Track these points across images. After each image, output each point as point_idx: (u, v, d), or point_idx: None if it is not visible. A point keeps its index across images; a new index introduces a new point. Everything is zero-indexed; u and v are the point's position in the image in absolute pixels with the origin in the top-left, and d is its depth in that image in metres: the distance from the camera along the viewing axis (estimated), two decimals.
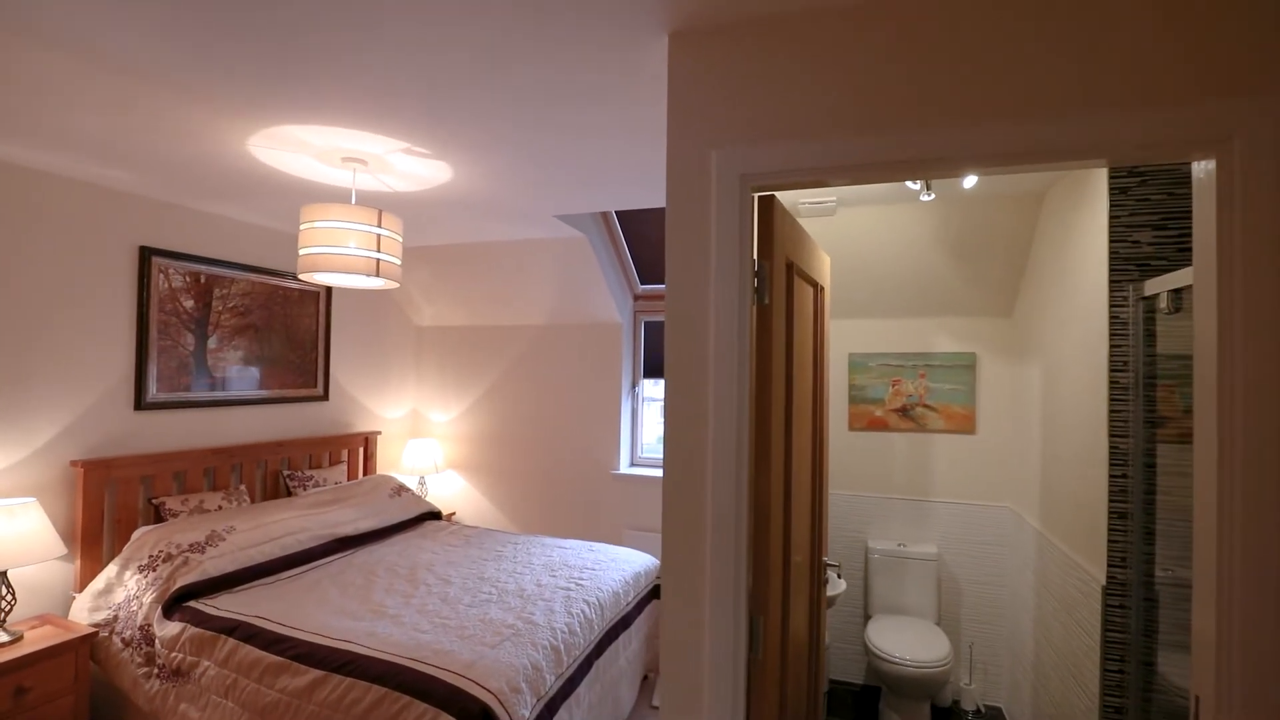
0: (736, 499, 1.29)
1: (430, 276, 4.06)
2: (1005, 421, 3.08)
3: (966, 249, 2.88)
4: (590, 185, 2.55)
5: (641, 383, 4.09)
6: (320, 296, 3.69)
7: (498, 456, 4.26)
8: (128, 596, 2.41)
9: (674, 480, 1.34)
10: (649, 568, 3.04)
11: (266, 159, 2.25)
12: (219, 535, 2.64)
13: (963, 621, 3.13)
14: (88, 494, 2.55)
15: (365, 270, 2.14)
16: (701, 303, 1.33)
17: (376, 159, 2.23)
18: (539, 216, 3.05)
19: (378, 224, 2.16)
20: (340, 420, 3.86)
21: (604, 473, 3.95)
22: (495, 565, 2.91)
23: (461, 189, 2.61)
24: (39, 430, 2.46)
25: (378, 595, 2.53)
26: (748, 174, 1.31)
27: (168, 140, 2.09)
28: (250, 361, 3.29)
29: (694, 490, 1.33)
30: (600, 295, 3.77)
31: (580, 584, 2.66)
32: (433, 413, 4.49)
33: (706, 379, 1.32)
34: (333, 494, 3.33)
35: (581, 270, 3.64)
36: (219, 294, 3.12)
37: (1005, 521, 3.06)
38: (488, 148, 2.13)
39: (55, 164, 2.36)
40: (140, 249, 2.77)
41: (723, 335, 1.30)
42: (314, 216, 2.11)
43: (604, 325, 3.97)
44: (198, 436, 3.03)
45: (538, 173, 2.39)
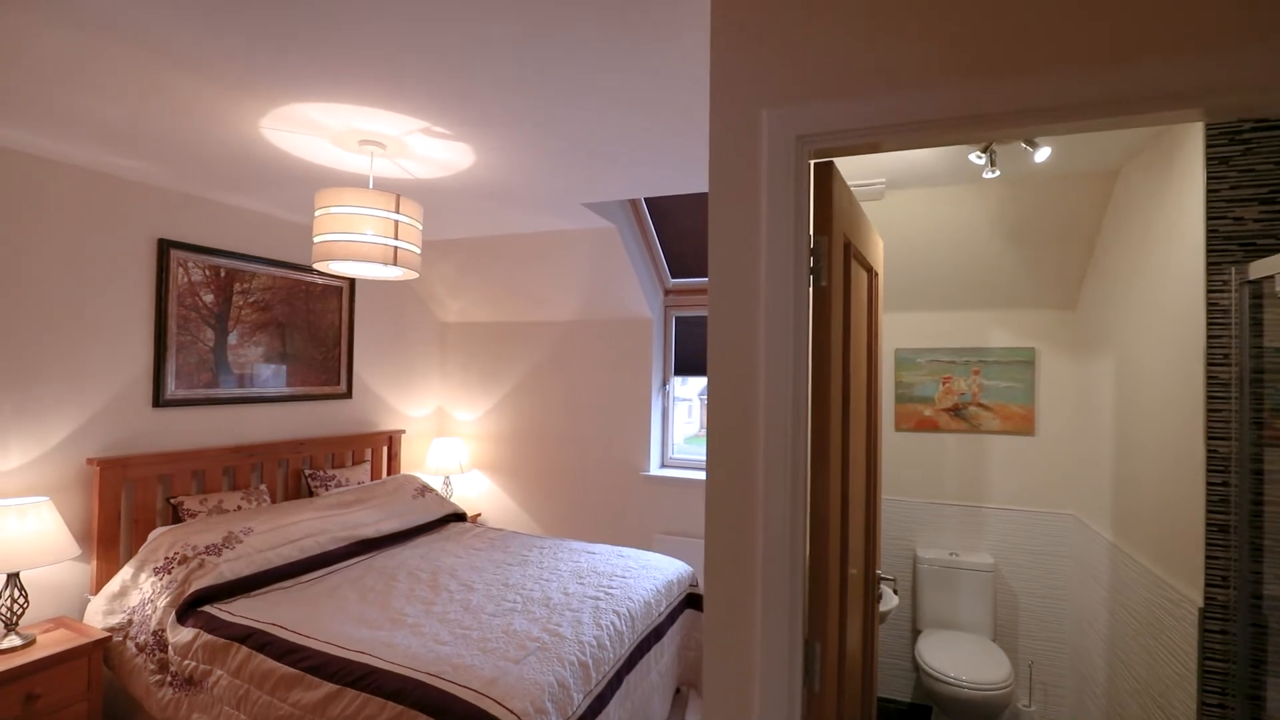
0: (793, 509, 1.12)
1: (455, 271, 3.96)
2: (1068, 422, 2.83)
3: (1027, 235, 2.65)
4: (620, 168, 2.39)
5: (672, 380, 3.92)
6: (343, 291, 3.61)
7: (524, 456, 4.14)
8: (142, 600, 2.33)
9: (719, 488, 1.17)
10: (681, 575, 2.87)
11: (281, 143, 2.14)
12: (236, 537, 2.55)
13: (1020, 638, 2.89)
14: (104, 493, 2.48)
15: (382, 259, 2.01)
16: (750, 284, 1.16)
17: (394, 142, 2.11)
18: (566, 205, 2.91)
19: (395, 209, 2.03)
20: (363, 418, 3.77)
21: (633, 474, 3.79)
22: (520, 571, 2.78)
23: (484, 175, 2.47)
24: (54, 428, 2.40)
25: (397, 602, 2.41)
26: (805, 135, 1.14)
27: (178, 122, 2.00)
28: (271, 358, 3.21)
29: (743, 499, 1.16)
30: (630, 289, 3.62)
31: (610, 593, 2.51)
32: (458, 411, 4.38)
33: (756, 372, 1.15)
34: (355, 494, 3.23)
35: (611, 263, 3.49)
36: (239, 288, 3.04)
37: (1068, 530, 2.82)
38: (511, 127, 1.99)
39: (69, 153, 2.29)
40: (159, 241, 2.70)
41: (775, 322, 1.13)
42: (328, 202, 1.99)
43: (634, 321, 3.81)
44: (217, 435, 2.95)
45: (565, 154, 2.24)
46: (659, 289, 3.84)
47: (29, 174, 2.31)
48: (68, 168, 2.41)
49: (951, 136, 1.10)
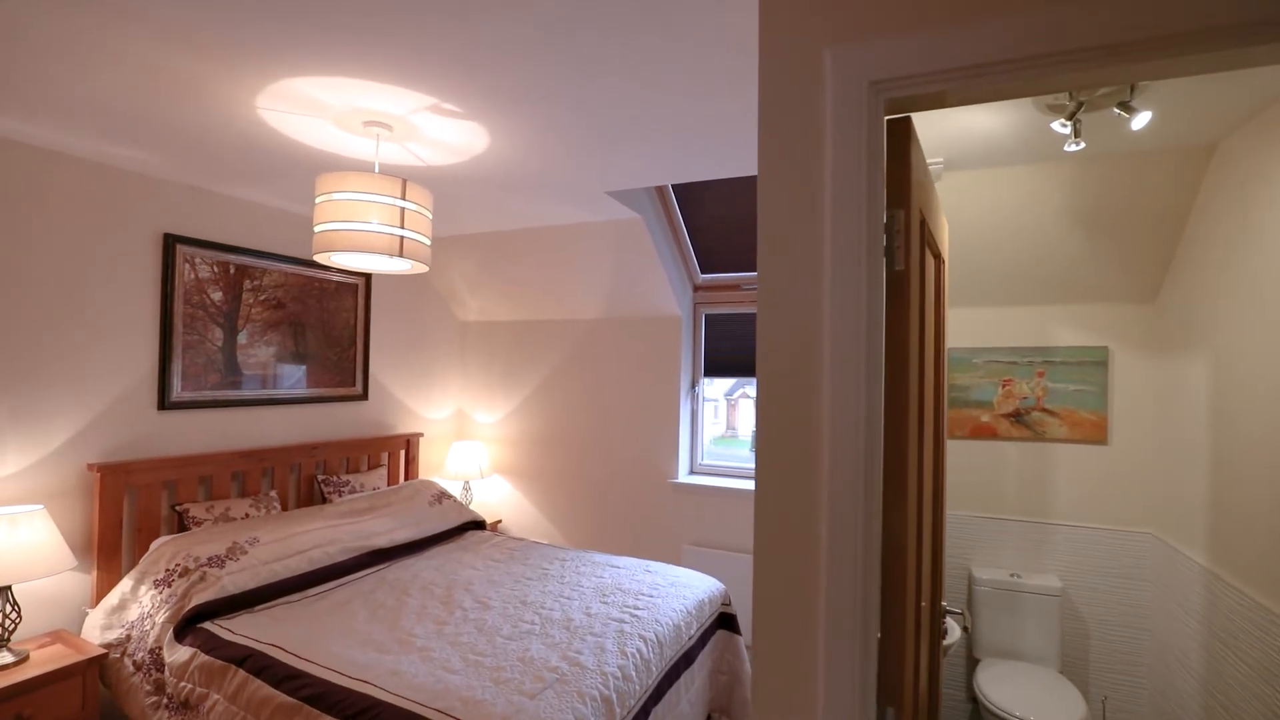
0: (865, 544, 0.90)
1: (475, 267, 3.79)
2: (1147, 429, 2.54)
3: (1102, 219, 2.37)
4: (648, 148, 2.18)
5: (702, 382, 3.70)
6: (359, 289, 3.47)
7: (546, 461, 3.95)
8: (141, 614, 2.20)
9: (771, 512, 0.96)
10: (713, 593, 2.65)
11: (281, 126, 1.98)
12: (241, 548, 2.41)
13: (1092, 670, 2.60)
14: (105, 500, 2.35)
15: (387, 250, 1.84)
16: (809, 268, 0.94)
17: (401, 123, 1.93)
18: (589, 194, 2.71)
19: (401, 196, 1.86)
20: (380, 421, 3.63)
21: (661, 481, 3.58)
22: (540, 587, 2.59)
23: (500, 160, 2.29)
24: (54, 431, 2.28)
25: (407, 621, 2.24)
26: (880, 81, 0.92)
27: (170, 104, 1.85)
28: (283, 358, 3.08)
29: (800, 525, 0.94)
30: (657, 285, 3.41)
31: (636, 614, 2.30)
32: (478, 413, 4.22)
33: (818, 374, 0.93)
34: (368, 501, 3.08)
35: (636, 257, 3.28)
36: (250, 285, 2.91)
37: (1148, 551, 2.52)
38: (526, 103, 1.79)
39: (65, 142, 2.17)
40: (164, 236, 2.58)
41: (842, 313, 0.91)
42: (330, 188, 1.82)
43: (661, 319, 3.60)
44: (226, 438, 2.82)
45: (585, 134, 2.04)
46: (688, 285, 3.63)
47: (27, 165, 2.20)
48: (67, 159, 2.29)
49: (1073, 77, 0.87)
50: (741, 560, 3.29)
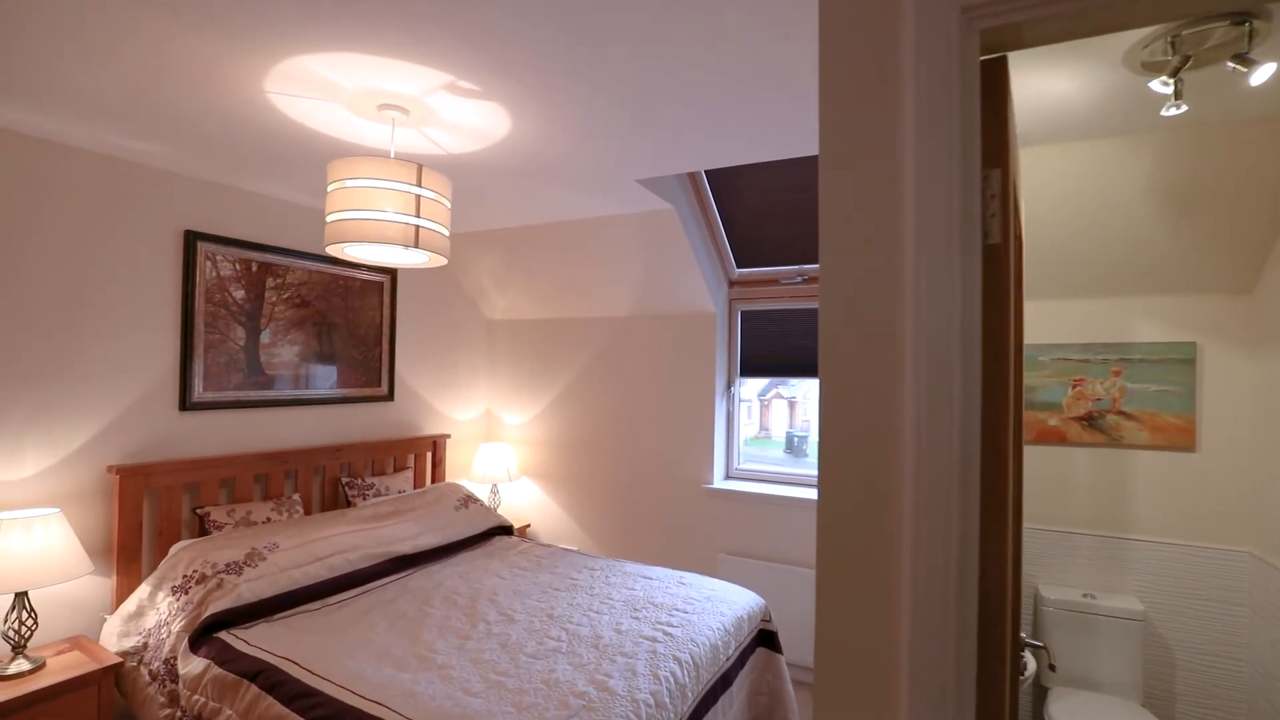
0: (959, 576, 0.72)
1: (501, 264, 3.68)
2: (1243, 435, 2.26)
3: (1193, 200, 2.11)
4: (681, 128, 2.01)
5: (738, 382, 3.51)
6: (384, 287, 3.38)
7: (575, 464, 3.82)
8: (159, 621, 2.13)
9: (838, 537, 0.79)
10: (752, 609, 2.46)
11: (292, 112, 1.88)
12: (260, 554, 2.32)
13: (1179, 704, 2.34)
14: (124, 503, 2.30)
15: (402, 240, 1.71)
16: (887, 244, 0.77)
17: (417, 105, 1.81)
18: (617, 182, 2.56)
19: (416, 182, 1.73)
20: (406, 422, 3.54)
21: (695, 486, 3.41)
22: (568, 599, 2.44)
23: (523, 145, 2.15)
24: (74, 433, 2.23)
25: (428, 634, 2.12)
26: (973, 6, 0.74)
27: (177, 88, 1.76)
28: (307, 358, 3.00)
29: (875, 548, 0.76)
30: (690, 280, 3.24)
31: (669, 633, 2.13)
32: (506, 415, 4.11)
33: (898, 370, 0.75)
34: (392, 505, 2.99)
35: (669, 250, 3.12)
36: (273, 283, 2.84)
37: (1245, 572, 2.25)
38: (548, 80, 1.65)
39: (79, 135, 2.11)
40: (185, 233, 2.52)
41: (932, 296, 0.73)
42: (341, 174, 1.70)
43: (694, 316, 3.43)
44: (248, 440, 2.76)
45: (613, 113, 1.89)
46: (723, 280, 3.45)
47: (46, 161, 2.15)
48: (88, 155, 2.24)
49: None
50: (781, 571, 3.10)
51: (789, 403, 4.07)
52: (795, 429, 4.00)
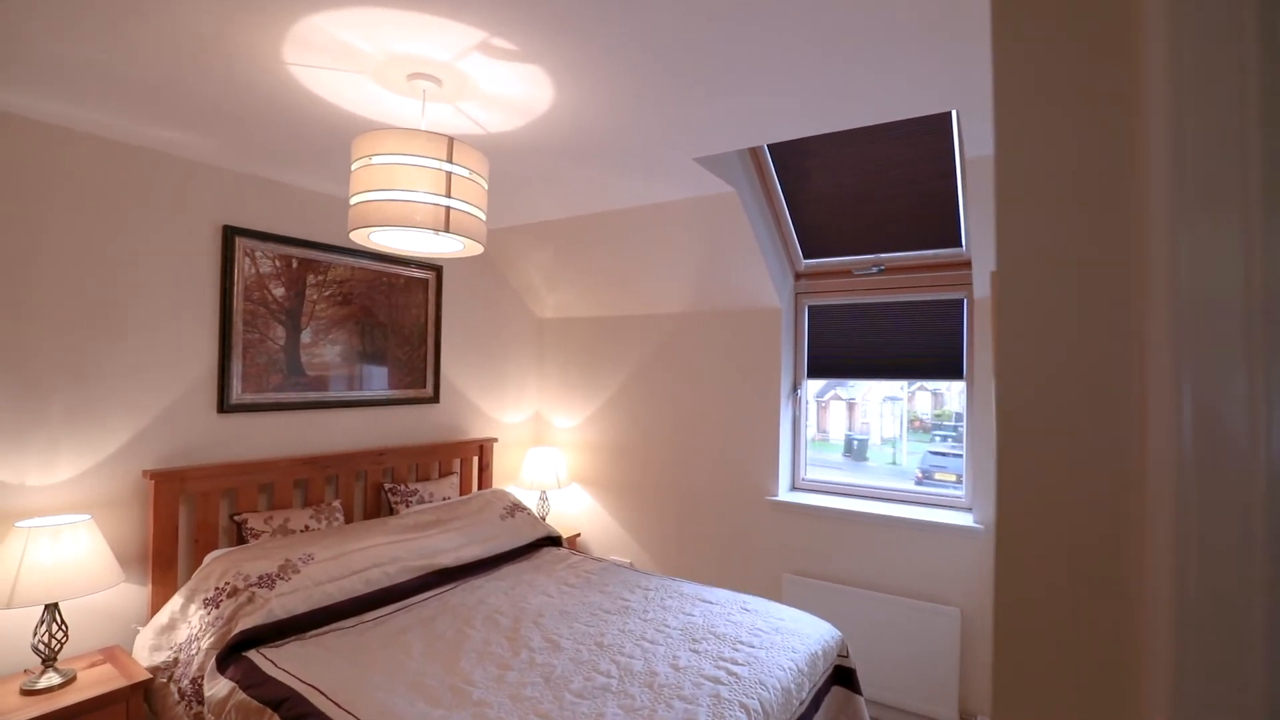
0: None
1: (550, 259, 3.49)
2: None
3: None
4: (747, 95, 1.74)
5: (805, 384, 3.20)
6: (429, 284, 3.25)
7: (628, 471, 3.59)
8: (190, 636, 2.01)
9: (1030, 628, 0.51)
10: (828, 644, 2.16)
11: (315, 85, 1.71)
12: (294, 565, 2.19)
13: None
14: (159, 509, 2.21)
15: (432, 223, 1.51)
16: (1119, 204, 0.48)
17: (449, 73, 1.61)
18: (673, 161, 2.30)
19: (447, 158, 1.53)
20: (452, 425, 3.40)
21: (757, 498, 3.12)
22: (619, 624, 2.21)
23: (568, 120, 1.93)
24: (109, 435, 2.15)
25: (466, 661, 1.92)
26: None
27: (193, 64, 1.62)
28: (349, 358, 2.88)
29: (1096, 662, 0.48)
30: (753, 272, 2.95)
31: (735, 672, 1.86)
32: (556, 418, 3.92)
33: (1140, 375, 0.47)
34: (434, 514, 2.83)
35: (730, 239, 2.84)
36: (313, 281, 2.73)
37: None
38: (594, 39, 1.42)
39: (100, 122, 2.02)
40: (223, 228, 2.42)
41: (1203, 268, 0.45)
42: (365, 151, 1.52)
43: (757, 312, 3.14)
44: (288, 444, 2.65)
45: (668, 77, 1.64)
46: (789, 272, 3.14)
47: (80, 155, 2.08)
48: (121, 146, 2.16)
49: None
50: (854, 596, 2.77)
51: (847, 404, 3.75)
52: (854, 432, 3.68)
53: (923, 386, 3.45)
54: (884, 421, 3.72)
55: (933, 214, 2.72)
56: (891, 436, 3.64)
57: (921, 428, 3.44)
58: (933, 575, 2.67)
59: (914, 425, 3.51)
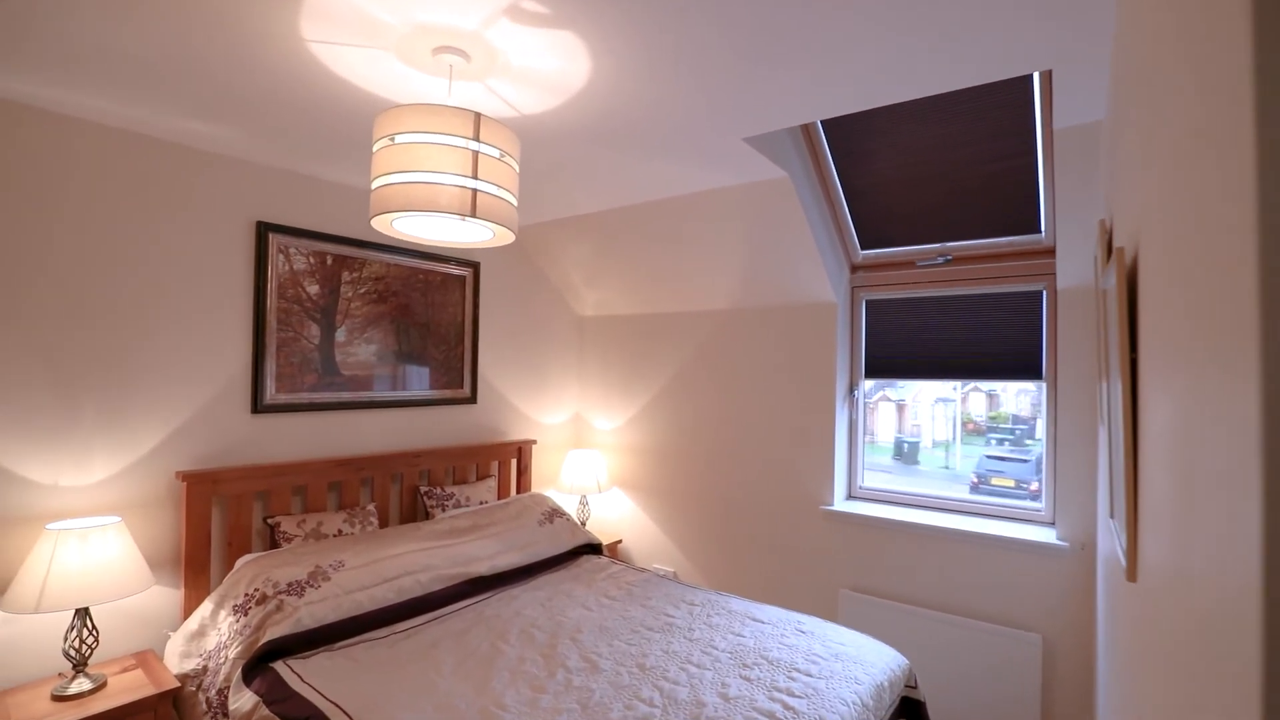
0: None
1: (590, 253, 3.35)
2: None
3: None
4: (803, 62, 1.55)
5: (862, 384, 2.97)
6: (467, 281, 3.15)
7: (671, 475, 3.42)
8: (219, 644, 1.95)
9: None
10: (894, 674, 1.95)
11: (337, 65, 1.61)
12: (323, 573, 2.11)
13: None
14: (192, 512, 2.16)
15: (457, 207, 1.38)
16: None
17: (477, 45, 1.47)
18: (721, 142, 2.13)
19: (474, 136, 1.39)
20: (489, 426, 3.30)
21: (810, 507, 2.90)
22: (663, 643, 2.04)
23: (607, 97, 1.78)
24: (142, 437, 2.11)
25: (498, 681, 1.79)
26: None
27: (208, 42, 1.53)
28: (385, 357, 2.81)
29: None
30: (806, 265, 2.75)
31: (791, 705, 1.67)
32: (596, 419, 3.79)
33: None
34: (470, 519, 2.72)
35: (781, 229, 2.64)
36: (348, 278, 2.66)
37: None
38: (635, 2, 1.26)
39: (121, 114, 1.97)
40: (257, 224, 2.37)
41: None
42: (387, 129, 1.40)
43: (811, 307, 2.93)
44: (322, 445, 2.58)
45: (713, 46, 1.47)
46: (844, 264, 2.92)
47: (111, 150, 2.04)
48: (151, 140, 2.12)
49: None
50: (920, 618, 2.53)
51: (896, 406, 3.53)
52: (904, 434, 3.44)
53: (976, 387, 3.27)
54: (935, 424, 3.56)
55: (1008, 197, 2.46)
56: (943, 439, 3.46)
57: (975, 430, 3.26)
58: (1010, 597, 2.41)
59: (968, 428, 3.34)
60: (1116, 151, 1.31)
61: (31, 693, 1.81)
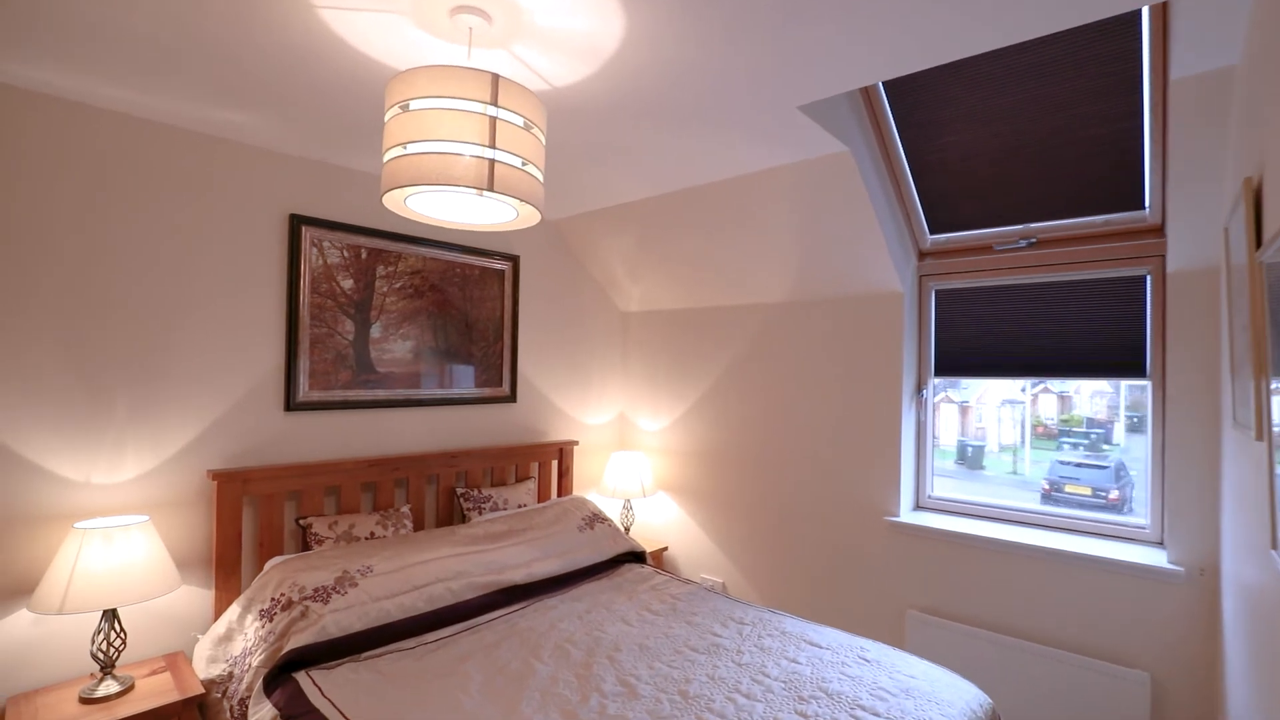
0: None
1: (634, 245, 3.18)
2: None
3: None
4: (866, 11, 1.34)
5: (931, 383, 2.69)
6: (506, 275, 3.04)
7: (720, 479, 3.21)
8: (244, 649, 1.87)
9: None
10: (975, 714, 1.69)
11: (349, 34, 1.49)
12: (351, 578, 2.01)
13: None
14: (222, 511, 2.10)
15: (473, 180, 1.23)
16: None
17: (498, 3, 1.33)
18: (773, 112, 1.92)
19: (491, 100, 1.24)
20: (529, 427, 3.17)
21: (873, 518, 2.65)
22: (708, 667, 1.85)
23: (644, 61, 1.60)
24: (173, 435, 2.07)
25: (527, 705, 1.64)
26: None
27: (217, 16, 1.44)
28: (421, 354, 2.72)
29: None
30: (869, 251, 2.50)
31: None
32: (641, 419, 3.62)
33: None
34: (507, 523, 2.59)
35: (840, 212, 2.41)
36: (383, 272, 2.58)
37: None
38: None
39: (143, 104, 1.92)
40: (290, 217, 2.31)
41: None
42: (397, 95, 1.27)
43: (873, 298, 2.67)
44: (356, 444, 2.51)
45: None
46: (911, 250, 2.65)
47: (141, 142, 2.01)
48: (179, 132, 2.08)
49: None
50: (1000, 647, 2.24)
51: (960, 407, 3.24)
52: (968, 437, 3.16)
53: (1047, 388, 3.00)
54: (1001, 426, 3.30)
55: (1105, 170, 2.15)
56: (1010, 443, 3.25)
57: (1046, 434, 2.99)
58: (1110, 626, 2.10)
59: (1037, 431, 3.12)
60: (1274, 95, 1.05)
61: (60, 693, 1.78)
